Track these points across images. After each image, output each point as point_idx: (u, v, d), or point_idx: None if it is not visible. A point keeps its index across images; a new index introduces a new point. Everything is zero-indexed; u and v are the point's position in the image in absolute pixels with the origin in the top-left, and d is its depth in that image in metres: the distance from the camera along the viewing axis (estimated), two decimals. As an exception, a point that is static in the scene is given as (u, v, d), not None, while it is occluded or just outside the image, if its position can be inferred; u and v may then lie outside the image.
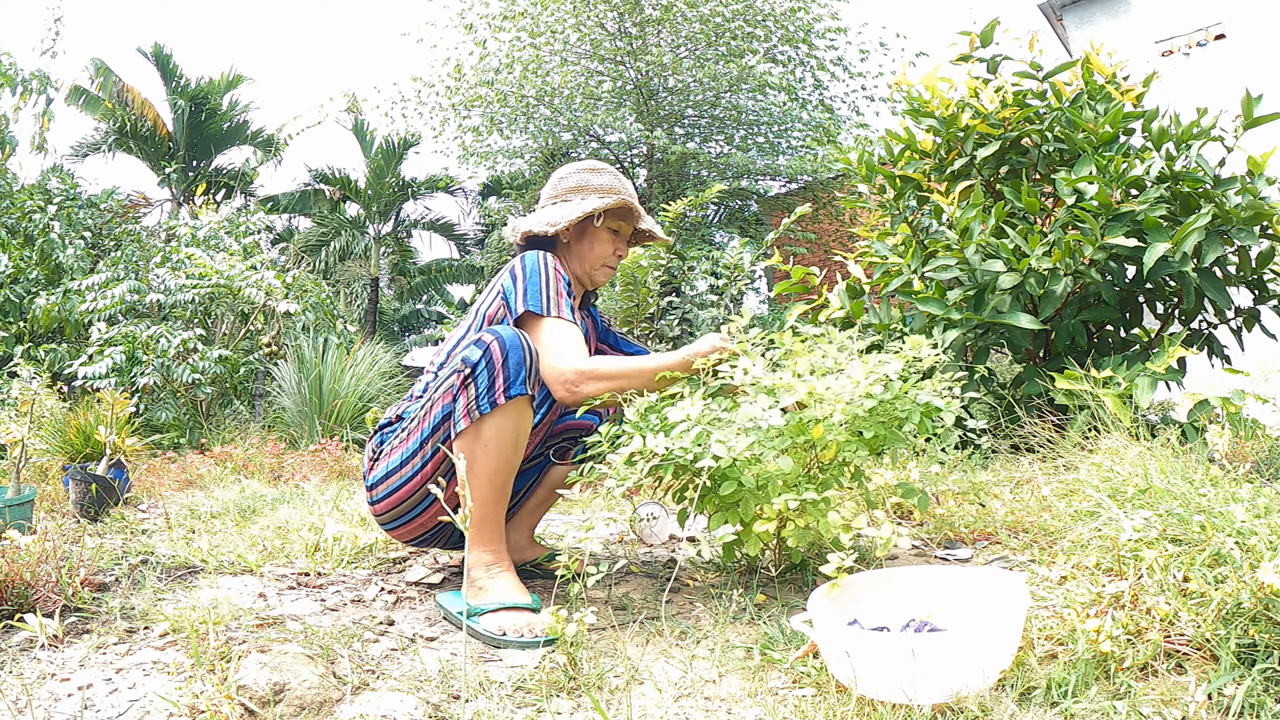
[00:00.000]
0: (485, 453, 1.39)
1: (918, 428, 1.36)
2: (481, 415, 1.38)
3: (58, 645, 1.27)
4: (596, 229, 1.74)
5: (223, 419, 4.88)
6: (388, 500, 1.54)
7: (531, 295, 1.54)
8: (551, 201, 1.79)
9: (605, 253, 1.76)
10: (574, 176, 1.79)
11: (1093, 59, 2.67)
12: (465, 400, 1.39)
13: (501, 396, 1.38)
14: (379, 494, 1.55)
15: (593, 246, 1.75)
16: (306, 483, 3.02)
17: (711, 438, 1.27)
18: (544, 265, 1.59)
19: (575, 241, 1.76)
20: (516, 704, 1.06)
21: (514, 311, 1.54)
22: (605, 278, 1.80)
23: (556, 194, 1.79)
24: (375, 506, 1.57)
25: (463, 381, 1.39)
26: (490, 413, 1.38)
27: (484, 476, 1.39)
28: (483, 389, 1.38)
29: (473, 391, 1.38)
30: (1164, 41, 10.85)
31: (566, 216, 1.69)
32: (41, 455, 3.33)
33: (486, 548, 1.42)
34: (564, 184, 1.79)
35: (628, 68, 10.67)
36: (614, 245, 1.77)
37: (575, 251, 1.76)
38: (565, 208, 1.73)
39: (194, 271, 5.22)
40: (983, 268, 2.47)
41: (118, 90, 12.60)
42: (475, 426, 1.38)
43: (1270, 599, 0.98)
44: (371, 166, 14.81)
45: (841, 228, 10.72)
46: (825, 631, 1.04)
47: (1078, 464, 1.81)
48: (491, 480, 1.40)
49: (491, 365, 1.38)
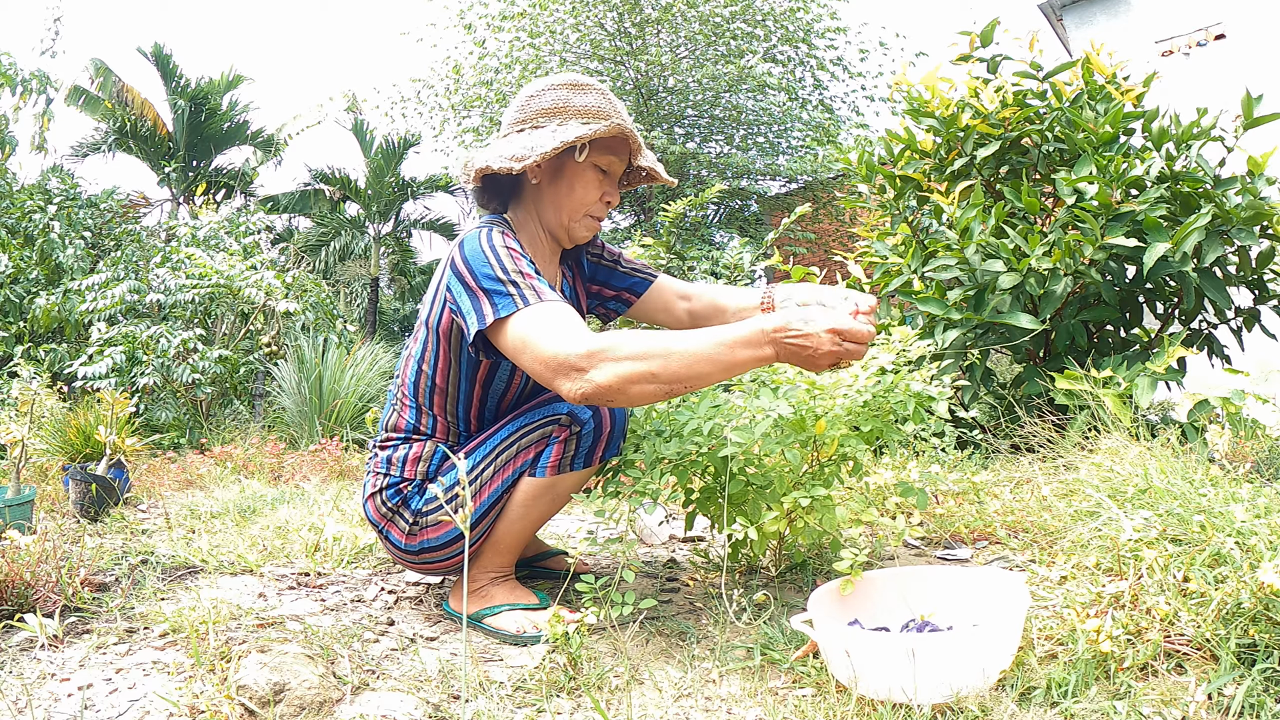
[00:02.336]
0: (551, 502, 1.36)
1: (912, 416, 1.37)
2: (571, 471, 1.33)
3: (58, 645, 1.27)
4: (579, 165, 1.33)
5: (223, 419, 4.88)
6: (449, 562, 1.40)
7: (497, 296, 1.17)
8: (517, 129, 1.33)
9: (590, 198, 1.36)
10: (548, 94, 1.33)
11: (1093, 59, 2.67)
12: (560, 452, 1.31)
13: (598, 460, 1.34)
14: (433, 557, 1.37)
15: (573, 189, 1.35)
16: (306, 483, 3.02)
17: (727, 427, 1.26)
18: (491, 250, 1.21)
19: (549, 183, 1.36)
20: (516, 704, 1.06)
21: (470, 330, 1.19)
22: (588, 231, 1.40)
23: (525, 117, 1.33)
24: (424, 566, 1.40)
25: (565, 436, 1.31)
26: (578, 470, 1.34)
27: (538, 520, 1.38)
28: (584, 449, 1.31)
29: (573, 448, 1.31)
30: (1164, 41, 10.85)
31: (539, 148, 1.26)
32: (41, 455, 3.33)
33: (500, 567, 1.43)
34: (535, 104, 1.33)
35: (627, 68, 10.67)
36: (601, 188, 1.37)
37: (548, 197, 1.36)
38: (537, 135, 1.29)
39: (194, 271, 5.21)
40: (983, 268, 2.47)
41: (118, 90, 12.60)
42: (557, 478, 1.33)
43: (1270, 599, 0.98)
44: (371, 166, 14.81)
45: (841, 228, 10.71)
46: (825, 631, 1.04)
47: (1078, 464, 1.81)
48: (539, 521, 1.38)
49: (600, 429, 1.31)
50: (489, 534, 1.38)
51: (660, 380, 1.07)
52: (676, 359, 1.06)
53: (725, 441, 1.26)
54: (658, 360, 1.06)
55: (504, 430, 1.34)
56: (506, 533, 1.37)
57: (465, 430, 1.41)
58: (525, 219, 1.41)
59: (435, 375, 1.36)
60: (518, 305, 1.15)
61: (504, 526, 1.37)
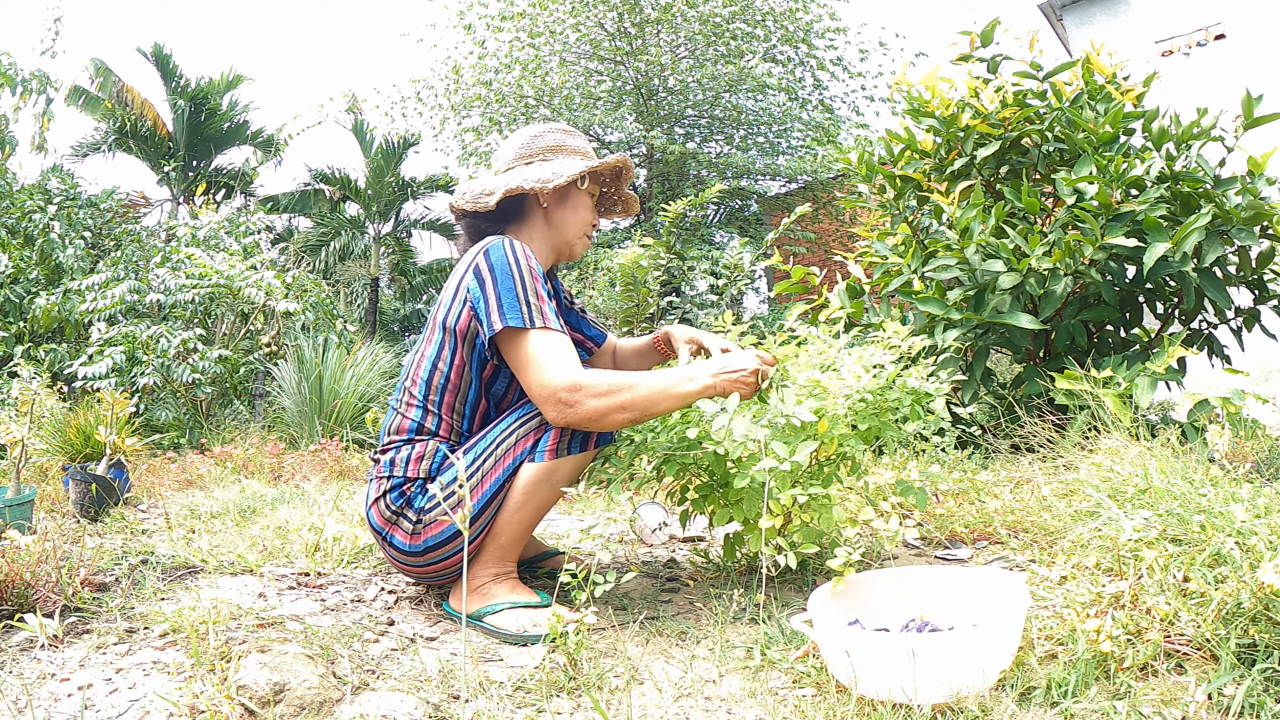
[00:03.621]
0: (551, 488, 1.38)
1: (910, 414, 1.37)
2: (568, 455, 1.36)
3: (58, 645, 1.27)
4: (579, 193, 1.58)
5: (223, 419, 4.88)
6: (453, 560, 1.41)
7: (509, 306, 1.34)
8: (523, 161, 1.58)
9: (587, 220, 1.60)
10: (550, 135, 1.60)
11: (1093, 59, 2.67)
12: (558, 436, 1.35)
13: (593, 444, 1.37)
14: (438, 556, 1.39)
15: (576, 212, 1.58)
16: (306, 483, 3.02)
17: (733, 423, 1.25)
18: (515, 262, 1.38)
19: (556, 207, 1.58)
20: (516, 704, 1.06)
21: (489, 327, 1.35)
22: (584, 249, 1.65)
23: (530, 153, 1.58)
24: (429, 567, 1.41)
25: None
26: (574, 454, 1.36)
27: (538, 508, 1.39)
28: (579, 433, 1.35)
29: (569, 432, 1.35)
30: (1164, 41, 10.85)
31: (563, 173, 1.50)
32: (41, 455, 3.33)
33: (501, 563, 1.43)
34: (539, 142, 1.59)
35: (626, 68, 10.68)
36: (593, 211, 1.63)
37: (555, 219, 1.58)
38: (552, 165, 1.53)
39: (194, 271, 5.21)
40: (983, 268, 2.47)
41: (117, 90, 12.59)
42: (556, 462, 1.36)
43: (1270, 599, 0.98)
44: (371, 166, 14.80)
45: (841, 228, 10.72)
46: (825, 631, 1.04)
47: (1078, 464, 1.82)
48: (539, 510, 1.40)
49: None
50: (490, 527, 1.39)
51: (628, 411, 1.29)
52: (642, 393, 1.29)
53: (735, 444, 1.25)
54: (627, 394, 1.29)
55: (502, 423, 1.40)
56: (507, 524, 1.38)
57: (468, 430, 1.47)
58: (529, 238, 1.58)
59: (450, 372, 1.44)
60: (527, 324, 1.33)
61: (505, 517, 1.38)
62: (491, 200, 1.51)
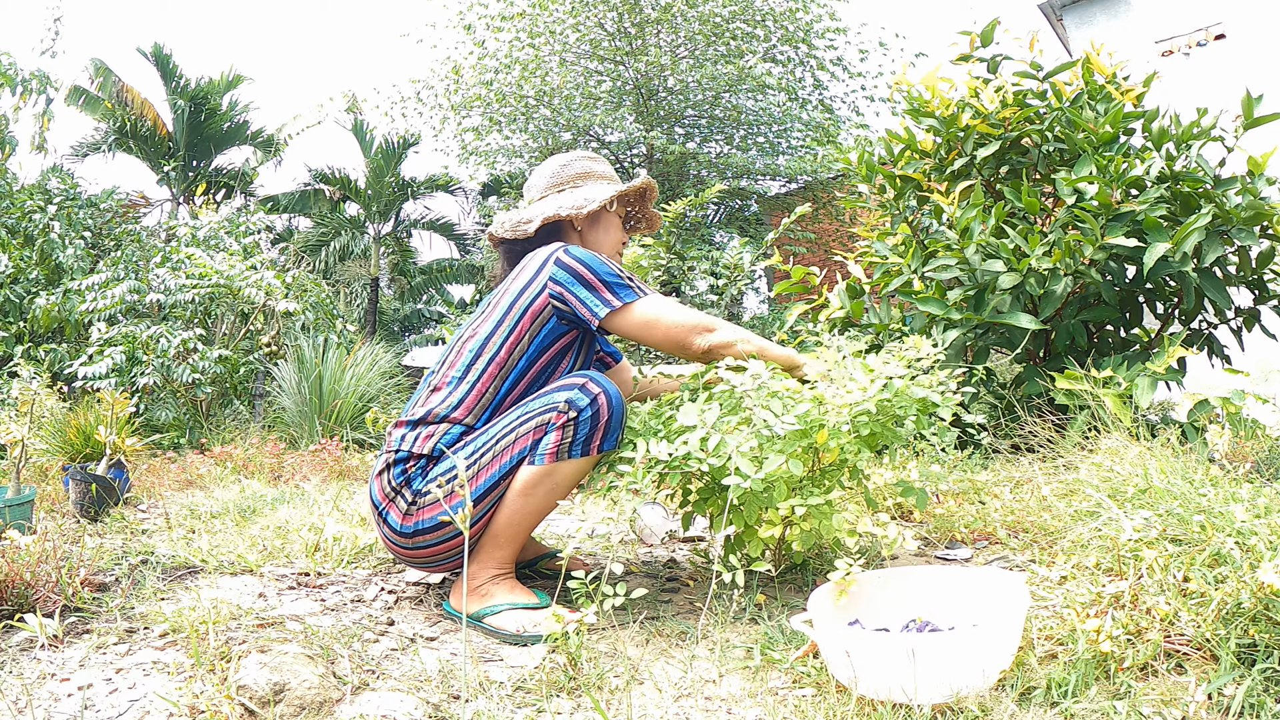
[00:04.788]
0: (549, 492, 1.38)
1: (915, 423, 1.36)
2: (569, 459, 1.36)
3: (58, 645, 1.27)
4: (610, 215, 1.69)
5: (223, 419, 4.88)
6: (440, 547, 1.41)
7: (618, 287, 1.47)
8: (555, 190, 1.70)
9: (617, 240, 1.71)
10: (578, 164, 1.73)
11: (1093, 59, 2.67)
12: (559, 439, 1.35)
13: (595, 449, 1.37)
14: (426, 541, 1.40)
15: (608, 233, 1.69)
16: (306, 483, 3.02)
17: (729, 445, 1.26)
18: (598, 257, 1.50)
19: (589, 229, 1.68)
20: (516, 704, 1.06)
21: (605, 305, 1.45)
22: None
23: (561, 181, 1.71)
24: (417, 551, 1.42)
25: (563, 422, 1.35)
26: (575, 459, 1.36)
27: (536, 511, 1.39)
28: (581, 436, 1.36)
29: (570, 434, 1.35)
30: (1164, 41, 10.84)
31: (596, 198, 1.63)
32: (41, 455, 3.33)
33: (501, 564, 1.43)
34: (568, 170, 1.72)
35: (626, 68, 10.67)
36: (622, 231, 1.73)
37: (589, 240, 1.68)
38: (587, 189, 1.66)
39: (194, 271, 5.21)
40: (983, 268, 2.47)
41: (117, 90, 12.59)
42: (555, 466, 1.36)
43: (1270, 599, 0.98)
44: (371, 166, 14.79)
45: (841, 228, 10.71)
46: (825, 631, 1.04)
47: (1078, 464, 1.81)
48: (538, 514, 1.40)
49: (597, 417, 1.36)
50: (488, 527, 1.40)
51: (750, 344, 1.46)
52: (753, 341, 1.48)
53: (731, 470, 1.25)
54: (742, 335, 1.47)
55: (504, 419, 1.41)
56: (505, 524, 1.38)
57: (488, 417, 1.46)
58: None
59: (501, 349, 1.48)
60: (638, 295, 1.48)
61: (503, 517, 1.38)
62: (530, 228, 1.62)
